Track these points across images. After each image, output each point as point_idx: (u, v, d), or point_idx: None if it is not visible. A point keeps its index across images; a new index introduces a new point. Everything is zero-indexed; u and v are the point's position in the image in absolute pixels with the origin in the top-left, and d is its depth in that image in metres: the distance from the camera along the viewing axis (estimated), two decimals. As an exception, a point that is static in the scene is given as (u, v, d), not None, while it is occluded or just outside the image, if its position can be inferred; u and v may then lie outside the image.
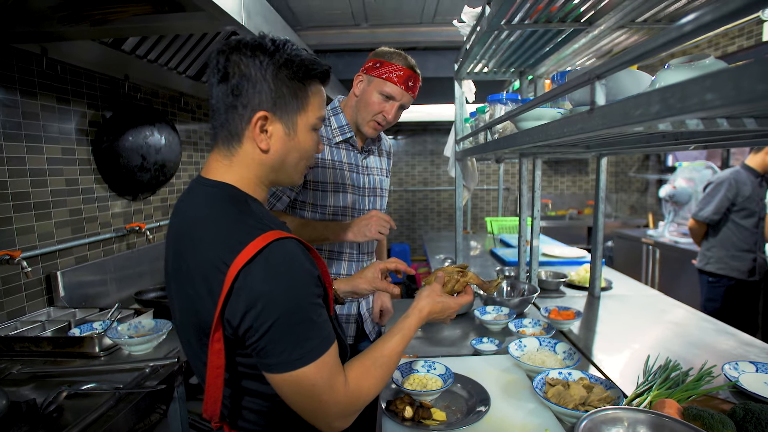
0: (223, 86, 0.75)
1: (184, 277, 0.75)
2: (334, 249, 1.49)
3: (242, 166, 0.79)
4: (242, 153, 0.78)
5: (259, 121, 0.75)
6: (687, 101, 0.41)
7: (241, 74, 0.74)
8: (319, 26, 3.74)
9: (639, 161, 5.10)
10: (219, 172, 0.79)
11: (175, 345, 1.52)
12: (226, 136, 0.78)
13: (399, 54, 1.39)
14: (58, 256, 1.87)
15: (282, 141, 0.79)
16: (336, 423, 0.75)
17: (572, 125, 0.64)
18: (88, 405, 1.16)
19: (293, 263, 0.70)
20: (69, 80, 1.93)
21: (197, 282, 0.71)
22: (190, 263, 0.73)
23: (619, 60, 0.57)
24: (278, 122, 0.77)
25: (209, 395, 0.73)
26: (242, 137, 0.77)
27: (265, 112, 0.75)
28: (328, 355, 0.71)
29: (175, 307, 0.80)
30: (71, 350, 1.45)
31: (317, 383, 0.70)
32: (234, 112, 0.76)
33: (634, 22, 1.25)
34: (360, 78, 1.43)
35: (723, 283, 2.69)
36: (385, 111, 1.38)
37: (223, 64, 0.74)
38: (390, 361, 0.84)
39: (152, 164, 2.33)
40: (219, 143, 0.79)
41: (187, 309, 0.75)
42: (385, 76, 1.36)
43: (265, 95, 0.75)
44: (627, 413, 0.93)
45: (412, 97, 1.41)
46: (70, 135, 1.94)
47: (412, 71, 1.38)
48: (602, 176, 1.95)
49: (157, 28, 1.52)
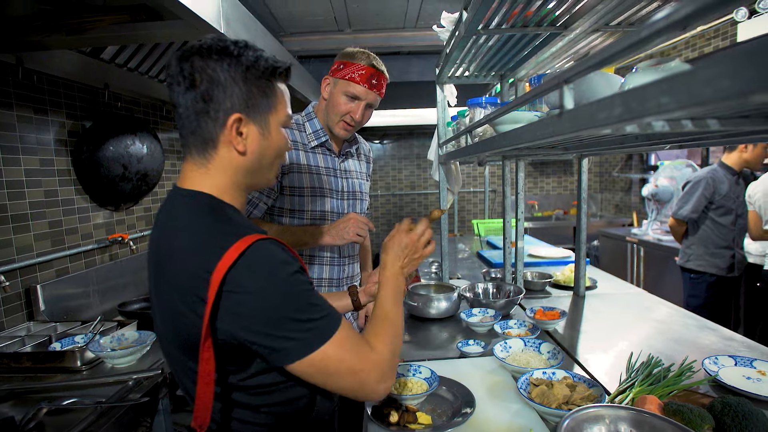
0: (192, 93, 0.74)
1: (164, 289, 0.74)
2: (314, 254, 1.48)
3: (219, 172, 0.78)
4: (218, 159, 0.78)
5: (235, 124, 0.76)
6: (645, 104, 0.42)
7: (209, 79, 0.73)
8: (303, 32, 3.74)
9: (622, 161, 5.19)
10: (195, 181, 0.78)
11: (160, 357, 1.50)
12: (200, 144, 0.77)
13: (362, 53, 1.40)
14: (37, 269, 1.83)
15: (257, 141, 0.79)
16: (380, 387, 0.76)
17: (544, 128, 0.65)
18: (69, 421, 1.13)
19: (276, 259, 0.71)
20: (46, 90, 1.90)
21: (179, 293, 0.71)
22: (170, 274, 0.72)
23: (586, 64, 0.58)
24: (252, 123, 0.78)
25: (200, 403, 0.72)
26: (217, 142, 0.77)
27: (239, 114, 0.76)
28: (342, 329, 0.73)
29: (157, 319, 0.79)
30: (52, 365, 1.42)
31: (344, 357, 0.71)
32: (206, 117, 0.75)
33: (608, 25, 1.28)
34: (327, 81, 1.44)
35: (704, 279, 2.74)
36: (351, 111, 1.40)
37: (188, 70, 0.73)
38: (397, 314, 0.87)
39: (134, 174, 2.30)
40: (192, 152, 0.78)
41: (170, 321, 0.74)
42: (348, 76, 1.37)
43: (237, 97, 0.75)
44: (608, 411, 0.94)
45: (378, 95, 1.41)
46: (49, 146, 1.91)
47: (374, 69, 1.38)
48: (584, 177, 1.98)
49: (136, 36, 1.51)
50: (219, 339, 0.69)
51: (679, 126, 0.60)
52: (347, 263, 1.54)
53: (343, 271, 1.52)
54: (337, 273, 1.51)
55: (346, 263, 1.54)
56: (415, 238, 0.97)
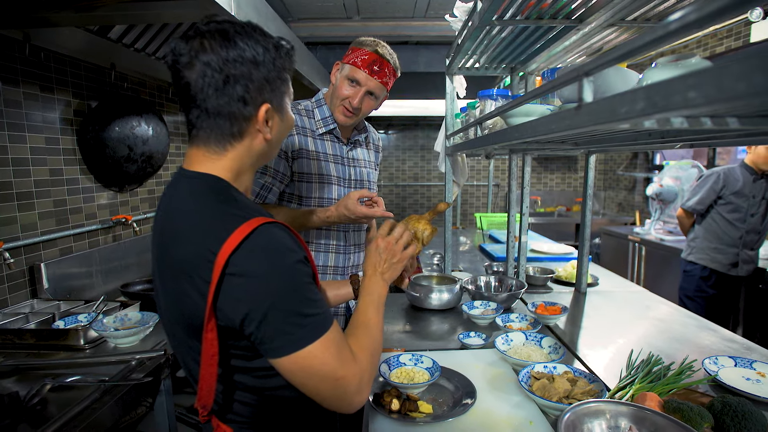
0: (223, 89, 0.71)
1: (169, 270, 0.74)
2: (321, 240, 1.48)
3: (235, 158, 0.77)
4: (239, 147, 0.77)
5: (266, 114, 0.76)
6: (670, 99, 0.42)
7: (241, 74, 0.71)
8: (311, 18, 3.70)
9: (627, 159, 5.17)
10: (204, 164, 0.77)
11: (162, 338, 1.51)
12: (224, 135, 0.75)
13: (372, 40, 1.39)
14: (41, 248, 1.84)
15: (278, 127, 0.80)
16: (356, 399, 0.74)
17: (560, 122, 0.64)
18: (72, 398, 1.14)
19: (280, 245, 0.69)
20: (53, 68, 1.88)
21: (183, 274, 0.70)
22: (175, 256, 0.72)
23: (607, 57, 0.57)
24: (276, 111, 0.78)
25: (204, 384, 0.72)
26: (244, 133, 0.76)
27: (268, 104, 0.76)
28: (331, 331, 0.71)
29: (161, 300, 0.79)
30: (55, 342, 1.43)
31: (327, 361, 0.69)
32: (237, 112, 0.73)
33: (624, 20, 1.26)
34: (337, 66, 1.44)
35: (695, 272, 2.77)
36: (351, 97, 1.38)
37: (218, 64, 0.70)
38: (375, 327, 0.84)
39: (139, 155, 2.30)
40: (210, 141, 0.76)
41: (173, 302, 0.74)
42: (352, 61, 1.37)
43: (266, 87, 0.75)
44: (609, 406, 0.95)
45: (379, 83, 1.38)
46: (55, 124, 1.90)
47: (377, 55, 1.36)
48: (591, 173, 1.97)
49: (144, 16, 1.50)
50: (220, 322, 0.69)
51: (698, 123, 0.60)
52: (353, 251, 1.55)
53: (348, 260, 1.53)
54: (342, 261, 1.51)
55: (352, 251, 1.54)
56: (392, 242, 0.95)
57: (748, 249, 2.69)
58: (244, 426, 0.79)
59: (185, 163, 0.79)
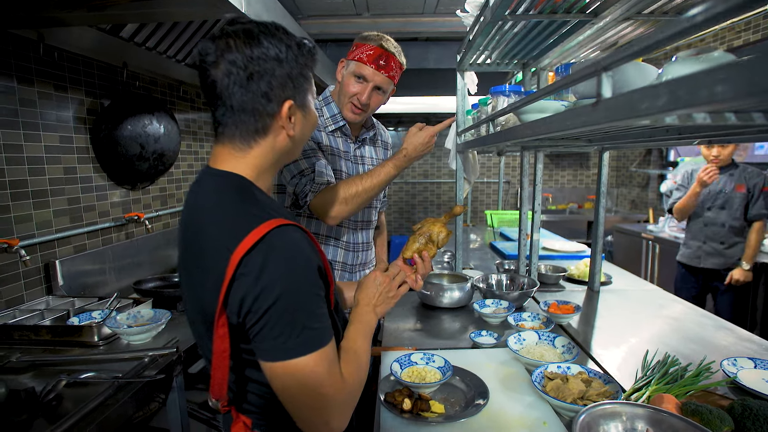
0: (248, 86, 0.73)
1: (191, 264, 0.76)
2: (331, 234, 1.48)
3: (260, 155, 0.79)
4: (264, 144, 0.79)
5: (289, 111, 0.77)
6: (696, 93, 0.40)
7: (265, 71, 0.73)
8: (321, 15, 3.69)
9: (640, 156, 5.08)
10: (229, 163, 0.78)
11: (174, 335, 1.53)
12: (249, 133, 0.77)
13: (377, 35, 1.38)
14: (56, 245, 1.86)
15: (301, 123, 0.81)
16: (335, 421, 0.73)
17: (576, 118, 0.62)
18: (87, 393, 1.16)
19: (293, 250, 0.70)
20: (66, 67, 1.90)
21: (202, 269, 0.73)
22: (197, 251, 0.74)
23: (628, 51, 0.55)
24: (299, 108, 0.80)
25: (215, 378, 0.74)
26: (268, 130, 0.78)
27: (291, 101, 0.77)
28: (329, 347, 0.71)
29: (185, 293, 0.82)
30: (70, 339, 1.45)
31: (317, 374, 0.69)
32: (262, 109, 0.75)
33: (640, 13, 1.23)
34: (342, 64, 1.43)
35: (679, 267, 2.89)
36: (359, 93, 1.37)
37: (242, 62, 0.72)
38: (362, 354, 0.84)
39: (151, 153, 2.31)
40: (235, 139, 0.77)
41: (194, 296, 0.77)
42: (357, 57, 1.36)
43: (289, 84, 0.76)
44: (625, 408, 0.93)
45: (386, 77, 1.37)
46: (68, 123, 1.92)
47: (382, 50, 1.35)
48: (604, 170, 1.94)
49: (155, 14, 1.50)
50: (230, 316, 0.70)
51: (721, 119, 0.58)
52: (361, 249, 1.54)
53: (356, 257, 1.52)
54: (351, 258, 1.51)
55: (360, 249, 1.53)
56: (390, 278, 0.99)
57: (715, 242, 2.69)
58: (260, 417, 0.81)
59: (211, 160, 0.81)
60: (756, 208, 2.56)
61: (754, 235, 2.57)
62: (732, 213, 2.63)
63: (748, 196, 2.60)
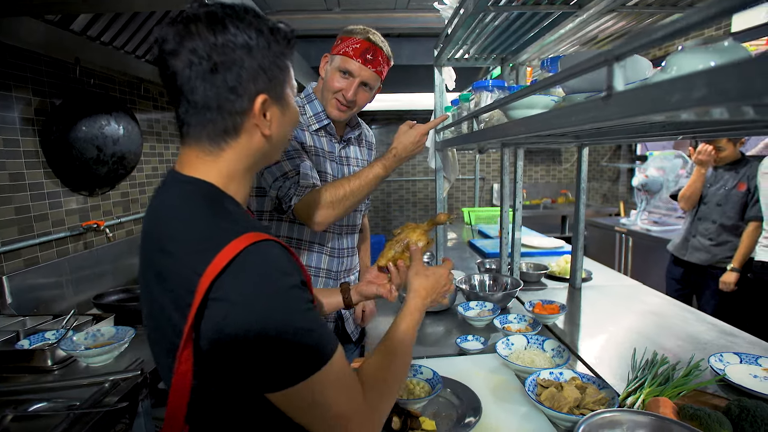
0: (211, 79, 0.63)
1: (151, 284, 0.66)
2: (315, 240, 1.39)
3: (233, 159, 0.69)
4: (236, 145, 0.68)
5: (262, 107, 0.67)
6: (753, 84, 0.34)
7: (232, 61, 0.63)
8: (289, 10, 3.56)
9: (611, 151, 5.19)
10: (199, 168, 0.68)
11: (139, 355, 1.40)
12: (218, 133, 0.66)
13: (362, 28, 1.30)
14: (3, 259, 1.69)
15: (279, 120, 0.71)
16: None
17: (585, 113, 0.57)
18: (38, 427, 1.04)
19: (272, 268, 0.61)
20: (9, 63, 1.73)
21: (164, 291, 0.63)
22: (159, 269, 0.64)
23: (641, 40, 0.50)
24: (274, 102, 0.69)
25: (170, 416, 0.63)
26: (240, 130, 0.67)
27: (265, 95, 0.66)
28: (333, 363, 0.62)
29: (145, 307, 0.71)
30: (19, 365, 1.31)
31: (328, 394, 0.61)
32: (230, 105, 0.65)
33: (624, 5, 1.20)
34: (326, 59, 1.35)
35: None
36: (344, 89, 1.29)
37: (204, 50, 0.62)
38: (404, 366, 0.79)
39: (110, 156, 2.15)
40: (203, 140, 0.67)
41: (154, 319, 0.67)
42: (343, 51, 1.28)
43: (261, 77, 0.66)
44: (625, 415, 0.89)
45: (373, 72, 1.30)
46: (13, 125, 1.75)
47: (369, 43, 1.28)
48: (584, 166, 1.93)
49: (110, 4, 1.37)
50: (202, 347, 0.60)
51: (739, 114, 0.53)
52: (347, 255, 1.46)
53: (341, 264, 1.44)
54: (336, 265, 1.42)
55: (345, 255, 1.45)
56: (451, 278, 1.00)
57: (703, 237, 2.62)
58: None
59: (178, 164, 0.71)
60: (755, 209, 2.41)
61: (747, 238, 2.42)
62: (726, 211, 2.53)
63: (747, 196, 2.46)
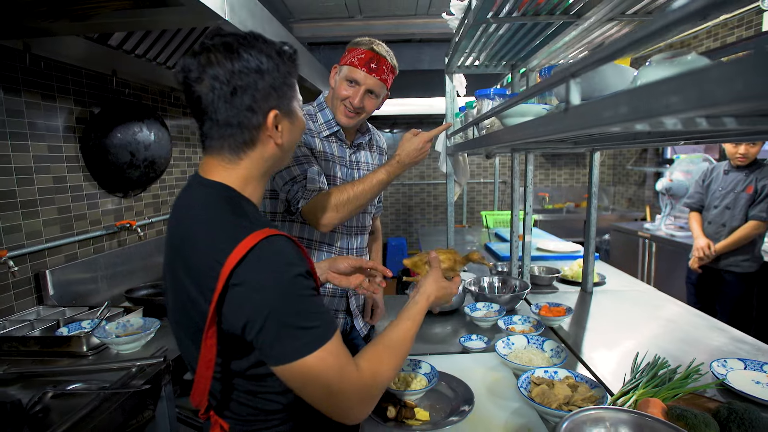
0: (231, 101, 0.74)
1: (178, 273, 0.77)
2: (324, 240, 1.47)
3: (249, 165, 0.81)
4: (253, 155, 0.80)
5: (274, 120, 0.78)
6: (652, 104, 0.39)
7: (248, 84, 0.74)
8: (313, 18, 3.69)
9: (637, 154, 5.07)
10: (220, 173, 0.80)
11: (164, 344, 1.52)
12: (237, 145, 0.78)
13: (368, 39, 1.39)
14: (46, 255, 1.86)
15: (289, 130, 0.83)
16: (353, 412, 0.75)
17: (548, 125, 0.62)
18: (73, 405, 1.15)
19: (283, 259, 0.72)
20: (54, 76, 1.90)
21: (191, 280, 0.74)
22: (185, 261, 0.75)
23: (594, 57, 0.55)
24: (284, 116, 0.81)
25: (198, 386, 0.75)
26: (256, 141, 0.79)
27: (276, 110, 0.78)
28: (330, 343, 0.72)
29: (170, 302, 0.83)
30: (59, 350, 1.45)
31: (323, 372, 0.70)
32: (248, 121, 0.76)
33: (624, 14, 1.22)
34: (335, 69, 1.44)
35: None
36: (351, 97, 1.38)
37: (224, 77, 0.73)
38: (402, 345, 0.86)
39: (142, 161, 2.31)
40: (224, 150, 0.79)
41: (181, 306, 0.78)
42: (349, 61, 1.37)
43: (273, 94, 0.77)
44: (609, 413, 0.92)
45: (378, 80, 1.37)
46: (57, 132, 1.92)
47: (373, 53, 1.35)
48: (595, 171, 1.93)
49: (140, 23, 1.50)
50: (224, 328, 0.72)
51: (693, 124, 0.57)
52: (356, 255, 1.53)
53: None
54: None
55: (355, 255, 1.52)
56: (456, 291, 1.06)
57: (713, 241, 2.58)
58: (239, 423, 0.83)
59: (201, 169, 0.82)
60: (758, 208, 2.43)
61: (741, 231, 2.46)
62: (735, 214, 2.52)
63: (754, 197, 2.47)
